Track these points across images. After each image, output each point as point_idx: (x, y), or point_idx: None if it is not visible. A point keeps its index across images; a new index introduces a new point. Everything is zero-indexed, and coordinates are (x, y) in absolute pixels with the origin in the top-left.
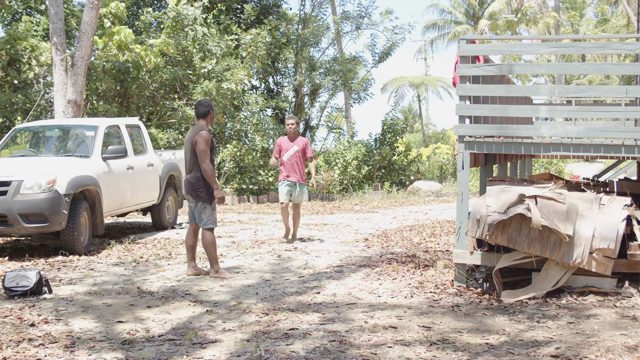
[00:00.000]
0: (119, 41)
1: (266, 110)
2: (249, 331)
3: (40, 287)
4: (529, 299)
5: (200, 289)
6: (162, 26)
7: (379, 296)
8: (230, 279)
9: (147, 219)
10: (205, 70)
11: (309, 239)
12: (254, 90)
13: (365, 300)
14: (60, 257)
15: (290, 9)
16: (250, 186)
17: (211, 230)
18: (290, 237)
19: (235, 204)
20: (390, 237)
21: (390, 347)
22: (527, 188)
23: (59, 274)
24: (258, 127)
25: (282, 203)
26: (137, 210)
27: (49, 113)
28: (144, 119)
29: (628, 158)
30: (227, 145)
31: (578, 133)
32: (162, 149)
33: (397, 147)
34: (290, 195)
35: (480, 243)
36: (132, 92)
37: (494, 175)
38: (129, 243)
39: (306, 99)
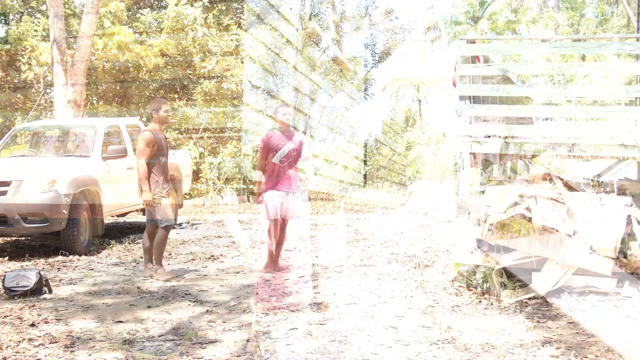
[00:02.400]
0: (119, 41)
1: (266, 110)
2: (249, 331)
3: (40, 287)
4: (529, 299)
5: (200, 289)
6: (162, 26)
7: (379, 296)
8: (170, 279)
9: None
10: (205, 70)
11: (309, 238)
12: (254, 90)
13: (365, 300)
14: (60, 257)
15: (291, 8)
16: (251, 186)
17: (166, 229)
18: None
19: (235, 204)
20: (390, 237)
21: (390, 347)
22: (527, 188)
23: (59, 274)
24: (258, 127)
25: (272, 220)
26: (137, 210)
27: (49, 113)
28: (144, 119)
29: (628, 158)
30: (227, 145)
31: (578, 133)
32: None
33: (397, 147)
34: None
35: (480, 243)
36: (132, 92)
37: (494, 175)
38: (129, 243)
39: (306, 99)
